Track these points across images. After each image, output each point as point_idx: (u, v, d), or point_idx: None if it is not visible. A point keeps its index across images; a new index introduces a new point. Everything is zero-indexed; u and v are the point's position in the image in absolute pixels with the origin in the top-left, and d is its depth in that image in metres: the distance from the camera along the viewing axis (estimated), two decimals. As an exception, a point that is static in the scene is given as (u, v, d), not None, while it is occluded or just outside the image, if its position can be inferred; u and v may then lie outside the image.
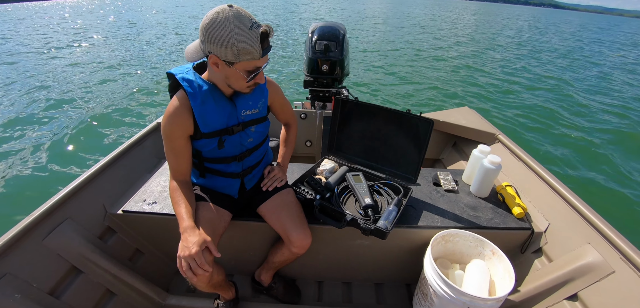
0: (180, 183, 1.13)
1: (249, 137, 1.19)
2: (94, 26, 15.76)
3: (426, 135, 1.35)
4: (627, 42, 20.83)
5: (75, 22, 17.10)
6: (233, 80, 1.01)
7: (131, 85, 7.05)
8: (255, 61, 0.95)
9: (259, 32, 0.92)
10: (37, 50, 10.22)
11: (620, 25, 38.14)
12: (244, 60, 0.93)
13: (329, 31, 2.09)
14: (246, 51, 0.91)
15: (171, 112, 1.04)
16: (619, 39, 23.48)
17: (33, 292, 1.09)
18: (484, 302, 1.10)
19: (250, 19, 0.91)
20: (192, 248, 0.96)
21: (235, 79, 1.00)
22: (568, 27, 29.88)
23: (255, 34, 0.91)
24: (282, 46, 11.15)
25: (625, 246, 1.11)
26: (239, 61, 0.93)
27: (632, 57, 14.23)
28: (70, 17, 19.18)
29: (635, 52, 16.23)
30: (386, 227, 1.17)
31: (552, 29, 27.57)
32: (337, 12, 28.65)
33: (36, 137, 4.59)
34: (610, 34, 26.19)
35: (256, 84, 1.06)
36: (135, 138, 1.74)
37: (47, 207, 1.23)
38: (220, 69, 0.98)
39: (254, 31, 0.91)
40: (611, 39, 22.63)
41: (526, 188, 1.55)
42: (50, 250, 1.19)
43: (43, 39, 12.41)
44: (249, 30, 0.90)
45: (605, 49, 16.72)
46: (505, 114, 6.09)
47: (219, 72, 0.99)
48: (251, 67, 0.97)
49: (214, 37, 0.90)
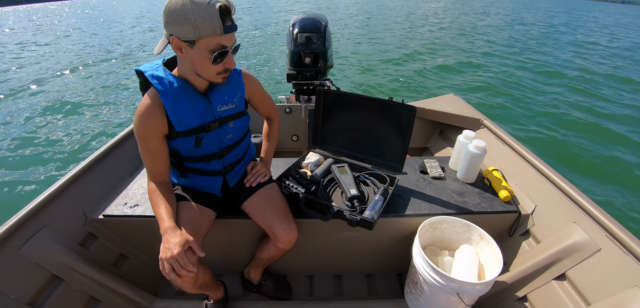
0: (158, 185, 1.09)
1: (227, 133, 1.15)
2: (71, 26, 15.38)
3: (410, 122, 1.34)
4: (598, 25, 21.46)
5: (53, 23, 16.65)
6: (199, 65, 0.96)
7: (110, 85, 6.90)
8: (217, 37, 0.91)
9: (217, 7, 0.88)
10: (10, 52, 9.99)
11: (592, 10, 39.30)
12: (204, 36, 0.90)
13: (310, 23, 2.06)
14: (205, 25, 0.88)
15: (143, 112, 1.00)
16: (590, 21, 24.16)
17: (11, 303, 1.06)
18: (472, 286, 1.10)
19: None
20: (174, 249, 0.93)
21: (201, 62, 0.95)
22: (541, 11, 30.57)
23: (213, 8, 0.88)
24: (264, 43, 11.06)
25: (610, 224, 1.11)
26: (199, 38, 0.90)
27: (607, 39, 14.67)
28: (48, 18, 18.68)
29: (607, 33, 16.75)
30: (372, 217, 1.16)
31: (530, 12, 28.09)
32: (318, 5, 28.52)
33: (9, 142, 4.44)
34: (580, 17, 26.92)
35: (227, 70, 1.01)
36: (114, 140, 1.69)
37: (22, 214, 1.18)
38: (184, 54, 0.94)
39: (212, 5, 0.88)
40: (579, 21, 23.24)
41: (512, 172, 1.55)
42: (27, 260, 1.15)
43: (17, 41, 12.12)
44: (207, 5, 0.88)
45: (575, 30, 17.14)
46: (490, 98, 6.18)
47: (184, 58, 0.96)
48: (214, 44, 0.92)
49: (172, 17, 0.88)
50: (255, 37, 12.12)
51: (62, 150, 4.28)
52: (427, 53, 9.94)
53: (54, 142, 4.47)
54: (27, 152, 4.22)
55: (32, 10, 27.52)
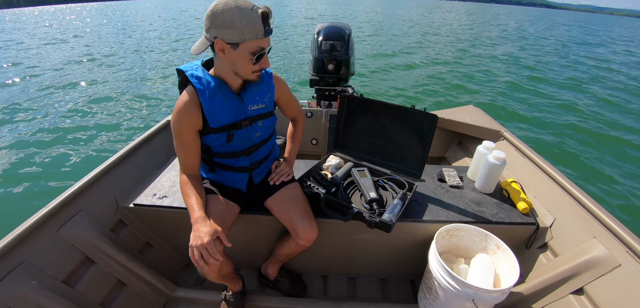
0: (190, 177, 1.16)
1: (256, 131, 1.22)
2: (106, 29, 16.14)
3: (430, 130, 1.37)
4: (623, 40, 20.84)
5: (88, 24, 17.50)
6: (239, 64, 1.04)
7: (143, 83, 7.23)
8: (259, 41, 1.00)
9: (259, 13, 0.97)
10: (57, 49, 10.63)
11: (612, 24, 38.10)
12: (248, 39, 0.98)
13: (335, 31, 2.12)
14: (250, 29, 0.96)
15: (181, 108, 1.07)
16: (613, 37, 23.45)
17: (48, 279, 1.14)
18: (488, 293, 1.11)
19: (250, 2, 0.98)
20: (204, 238, 0.99)
21: (241, 62, 1.03)
22: (562, 26, 29.88)
23: (256, 14, 0.96)
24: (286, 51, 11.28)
25: (631, 239, 1.10)
26: (244, 41, 0.98)
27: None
28: (91, 19, 19.65)
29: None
30: (391, 219, 1.19)
31: (548, 27, 27.53)
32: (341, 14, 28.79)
33: (53, 132, 4.81)
34: (601, 33, 26.15)
35: (262, 69, 1.09)
36: (146, 134, 1.79)
37: (61, 199, 1.27)
38: (226, 55, 1.02)
39: (255, 11, 0.96)
40: (603, 37, 22.57)
41: (531, 184, 1.55)
42: (64, 241, 1.24)
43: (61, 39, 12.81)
44: (250, 11, 0.96)
45: (602, 47, 16.72)
46: (511, 111, 6.09)
47: (225, 58, 1.03)
48: (255, 47, 1.01)
49: (218, 21, 0.95)
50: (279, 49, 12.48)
51: (99, 140, 4.62)
52: (448, 64, 9.89)
53: (92, 133, 4.81)
54: (67, 140, 4.58)
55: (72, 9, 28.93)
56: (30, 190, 3.50)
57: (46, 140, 4.56)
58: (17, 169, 3.88)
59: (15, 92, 6.66)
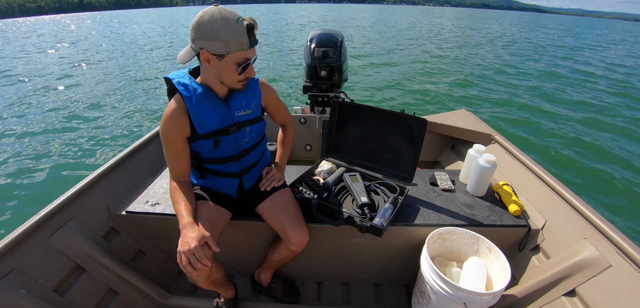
0: (179, 184, 1.16)
1: (244, 137, 1.22)
2: (99, 38, 16.15)
3: (420, 134, 1.38)
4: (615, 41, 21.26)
5: (78, 35, 17.51)
6: (225, 74, 1.05)
7: (136, 92, 7.24)
8: (244, 52, 1.01)
9: (245, 25, 0.98)
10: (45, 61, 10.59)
11: (600, 26, 38.92)
12: (234, 51, 0.99)
13: (327, 38, 2.14)
14: (235, 42, 0.97)
15: (168, 115, 1.08)
16: (602, 39, 23.94)
17: (38, 288, 1.12)
18: (480, 296, 1.11)
19: (235, 14, 0.99)
20: (191, 243, 0.98)
21: (227, 73, 1.04)
22: (552, 29, 30.45)
23: (241, 26, 0.97)
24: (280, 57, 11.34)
25: (621, 240, 1.11)
26: (229, 52, 0.99)
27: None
28: (77, 29, 19.64)
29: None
30: (382, 224, 1.19)
31: (540, 31, 27.97)
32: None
33: (44, 140, 4.81)
34: (591, 35, 26.68)
35: (247, 78, 1.10)
36: (138, 142, 1.78)
37: (53, 206, 1.26)
38: (212, 65, 1.02)
39: (240, 23, 0.97)
40: (593, 39, 23.02)
41: (523, 187, 1.56)
42: (55, 249, 1.23)
43: (53, 51, 12.81)
44: (236, 23, 0.97)
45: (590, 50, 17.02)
46: (502, 115, 6.15)
47: (211, 68, 1.04)
48: (240, 58, 1.02)
49: (204, 33, 0.96)
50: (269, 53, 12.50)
51: (91, 148, 4.63)
52: (439, 69, 9.99)
53: (84, 141, 4.82)
54: (58, 148, 4.58)
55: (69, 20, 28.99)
56: (22, 198, 3.49)
57: (37, 148, 4.56)
58: (8, 177, 3.87)
59: (5, 101, 6.64)
